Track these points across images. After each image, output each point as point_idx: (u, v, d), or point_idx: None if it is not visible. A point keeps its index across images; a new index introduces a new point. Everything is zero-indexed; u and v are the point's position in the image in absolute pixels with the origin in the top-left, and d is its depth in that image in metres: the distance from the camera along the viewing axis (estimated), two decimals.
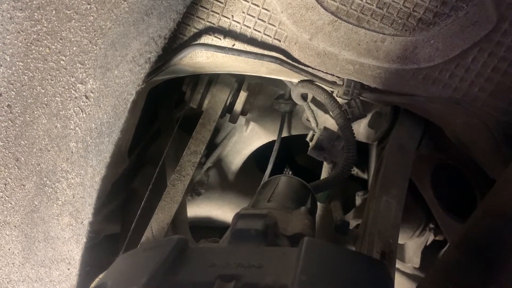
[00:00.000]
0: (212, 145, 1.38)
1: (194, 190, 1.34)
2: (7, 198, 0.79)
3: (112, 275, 0.51)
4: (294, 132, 1.29)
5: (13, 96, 0.71)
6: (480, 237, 0.71)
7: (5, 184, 0.78)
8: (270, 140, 1.33)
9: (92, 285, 0.87)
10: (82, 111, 0.69)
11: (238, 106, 1.05)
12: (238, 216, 0.57)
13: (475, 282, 0.68)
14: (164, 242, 0.53)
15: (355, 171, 1.37)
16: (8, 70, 0.70)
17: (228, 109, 1.06)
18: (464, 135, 0.89)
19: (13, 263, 0.84)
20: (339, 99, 0.89)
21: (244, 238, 0.54)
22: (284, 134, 1.27)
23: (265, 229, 0.54)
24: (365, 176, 1.35)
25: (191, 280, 0.46)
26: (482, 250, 0.69)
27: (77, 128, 0.70)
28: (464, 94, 0.82)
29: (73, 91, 0.68)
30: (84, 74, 0.66)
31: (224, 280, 0.44)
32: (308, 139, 1.05)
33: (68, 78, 0.67)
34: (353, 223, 1.19)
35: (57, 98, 0.69)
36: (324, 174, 1.17)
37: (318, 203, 1.14)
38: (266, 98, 1.19)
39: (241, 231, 0.54)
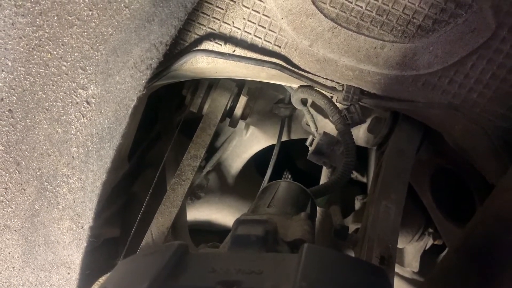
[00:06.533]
0: (212, 149, 1.38)
1: (194, 193, 1.34)
2: (7, 202, 0.80)
3: (113, 281, 0.52)
4: (293, 137, 1.29)
5: (14, 101, 0.72)
6: (479, 242, 0.72)
7: (6, 189, 0.79)
8: (270, 144, 1.33)
9: None
10: (83, 116, 0.69)
11: (238, 111, 1.05)
12: (238, 222, 0.57)
13: (475, 286, 0.68)
14: (164, 247, 0.53)
15: (355, 175, 1.37)
16: (10, 75, 0.71)
17: (228, 113, 1.06)
18: (463, 141, 0.90)
19: (13, 267, 0.84)
20: (338, 105, 0.89)
21: (244, 244, 0.54)
22: (284, 138, 1.27)
23: (265, 235, 0.54)
24: (364, 180, 1.36)
25: (191, 286, 0.46)
26: (481, 255, 0.70)
27: (78, 133, 0.70)
28: (463, 100, 0.82)
29: (74, 97, 0.68)
30: (85, 79, 0.67)
31: (225, 286, 0.44)
32: (307, 143, 1.05)
33: (70, 83, 0.67)
34: (352, 227, 1.19)
35: (58, 103, 0.69)
36: (323, 179, 1.17)
37: (318, 208, 1.14)
38: (266, 102, 1.20)
39: (241, 237, 0.55)
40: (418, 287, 1.25)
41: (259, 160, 1.46)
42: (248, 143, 1.35)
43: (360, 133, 1.11)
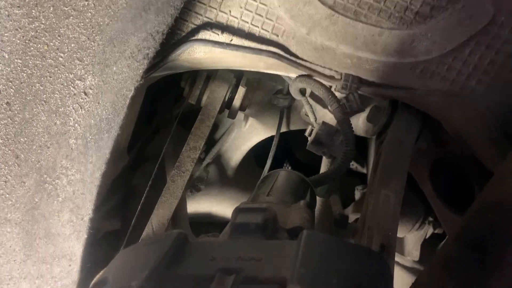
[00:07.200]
0: (211, 141, 1.38)
1: (194, 186, 1.34)
2: (7, 195, 0.80)
3: (113, 270, 0.52)
4: (292, 127, 1.29)
5: (12, 94, 0.72)
6: (478, 230, 0.72)
7: (6, 182, 0.79)
8: (269, 135, 1.33)
9: (94, 280, 0.88)
10: (81, 108, 0.69)
11: (237, 102, 1.05)
12: (237, 210, 0.57)
13: (474, 274, 0.68)
14: (164, 236, 0.53)
15: (355, 166, 1.37)
16: (7, 68, 0.70)
17: (227, 104, 1.06)
18: (461, 128, 0.90)
19: (14, 260, 0.84)
20: (337, 94, 0.89)
21: (243, 232, 0.54)
22: (283, 129, 1.27)
23: (265, 223, 0.54)
24: (364, 170, 1.36)
25: (191, 274, 0.47)
26: (480, 243, 0.70)
27: (76, 125, 0.70)
28: (462, 87, 0.82)
29: (72, 88, 0.68)
30: (82, 70, 0.67)
31: (225, 273, 0.45)
32: (307, 133, 1.05)
33: (67, 74, 0.67)
34: (352, 217, 1.19)
35: (56, 95, 0.69)
36: (323, 169, 1.17)
37: (318, 198, 1.15)
38: (265, 93, 1.20)
39: (240, 225, 0.55)
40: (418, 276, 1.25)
41: (259, 152, 1.46)
42: (247, 134, 1.35)
43: (359, 123, 1.11)
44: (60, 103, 0.70)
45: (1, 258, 0.84)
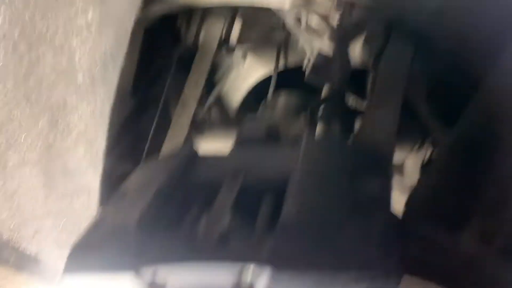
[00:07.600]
0: (211, 84, 1.41)
1: (198, 127, 1.38)
2: (23, 137, 0.84)
3: (133, 181, 0.57)
4: (290, 63, 1.31)
5: (16, 35, 0.74)
6: (468, 136, 0.75)
7: (19, 124, 0.82)
8: (268, 73, 1.35)
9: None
10: (85, 43, 0.72)
11: (234, 36, 1.07)
12: (243, 123, 0.61)
13: (466, 177, 0.73)
14: (176, 151, 0.58)
15: (355, 102, 1.39)
16: (7, 10, 0.72)
17: (224, 40, 1.08)
18: (452, 46, 0.92)
19: (36, 198, 0.90)
20: (332, 22, 0.91)
21: (249, 141, 0.59)
22: (281, 67, 1.28)
23: (268, 133, 0.59)
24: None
25: (205, 177, 0.51)
26: (470, 147, 0.74)
27: (81, 60, 0.73)
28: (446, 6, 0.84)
29: (74, 23, 0.70)
30: (83, 3, 0.69)
31: (234, 175, 0.49)
32: (304, 65, 1.08)
33: (68, 9, 0.69)
34: None
35: (59, 31, 0.71)
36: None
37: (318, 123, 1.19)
38: (261, 29, 1.20)
39: (246, 135, 0.59)
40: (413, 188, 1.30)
41: (259, 94, 1.49)
42: (246, 73, 1.36)
43: (355, 53, 1.12)
44: (64, 40, 0.72)
45: (23, 197, 0.89)
